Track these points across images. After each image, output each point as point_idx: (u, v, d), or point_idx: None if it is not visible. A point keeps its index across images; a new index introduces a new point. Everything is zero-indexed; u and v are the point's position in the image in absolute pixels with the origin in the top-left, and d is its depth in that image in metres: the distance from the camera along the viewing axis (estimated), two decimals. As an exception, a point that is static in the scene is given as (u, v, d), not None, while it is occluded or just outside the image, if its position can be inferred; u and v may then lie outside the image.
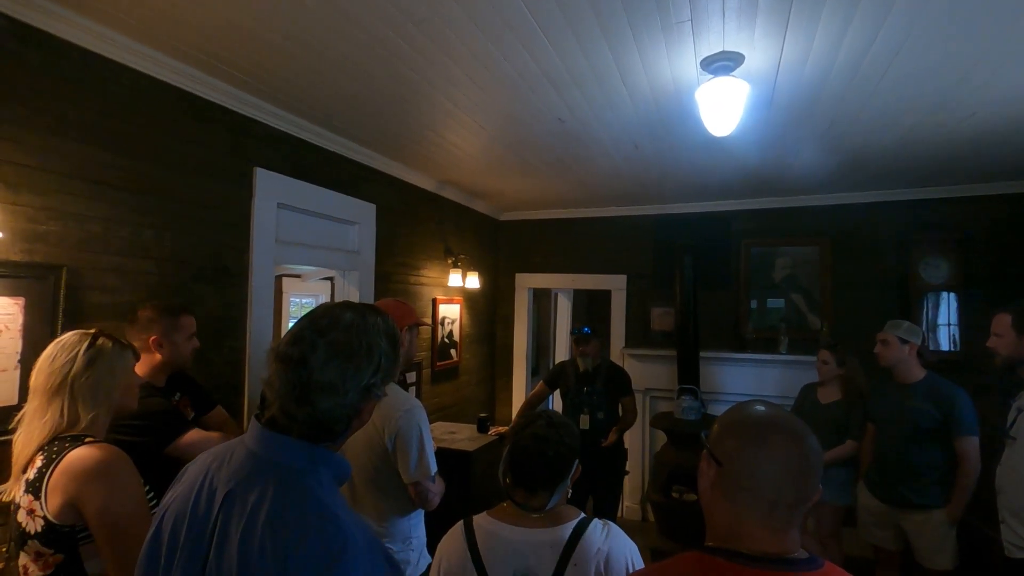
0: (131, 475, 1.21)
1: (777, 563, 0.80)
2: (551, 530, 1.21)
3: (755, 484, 0.83)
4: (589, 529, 1.22)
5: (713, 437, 0.92)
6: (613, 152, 3.04)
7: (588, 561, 1.16)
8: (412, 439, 1.68)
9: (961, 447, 2.44)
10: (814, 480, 0.84)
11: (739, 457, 0.85)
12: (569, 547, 1.18)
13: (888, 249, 3.84)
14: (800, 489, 0.82)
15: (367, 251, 3.20)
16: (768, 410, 0.91)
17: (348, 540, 0.75)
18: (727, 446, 0.88)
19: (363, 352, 0.85)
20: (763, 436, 0.86)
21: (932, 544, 2.48)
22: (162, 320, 1.76)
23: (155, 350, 1.74)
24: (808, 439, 0.85)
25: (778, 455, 0.83)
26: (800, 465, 0.83)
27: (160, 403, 1.70)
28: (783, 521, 0.82)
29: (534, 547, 1.19)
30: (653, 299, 4.47)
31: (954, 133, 2.63)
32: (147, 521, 1.19)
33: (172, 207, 2.09)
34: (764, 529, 0.82)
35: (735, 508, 0.85)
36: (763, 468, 0.83)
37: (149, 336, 1.73)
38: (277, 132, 2.56)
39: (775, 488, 0.82)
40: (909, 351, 2.60)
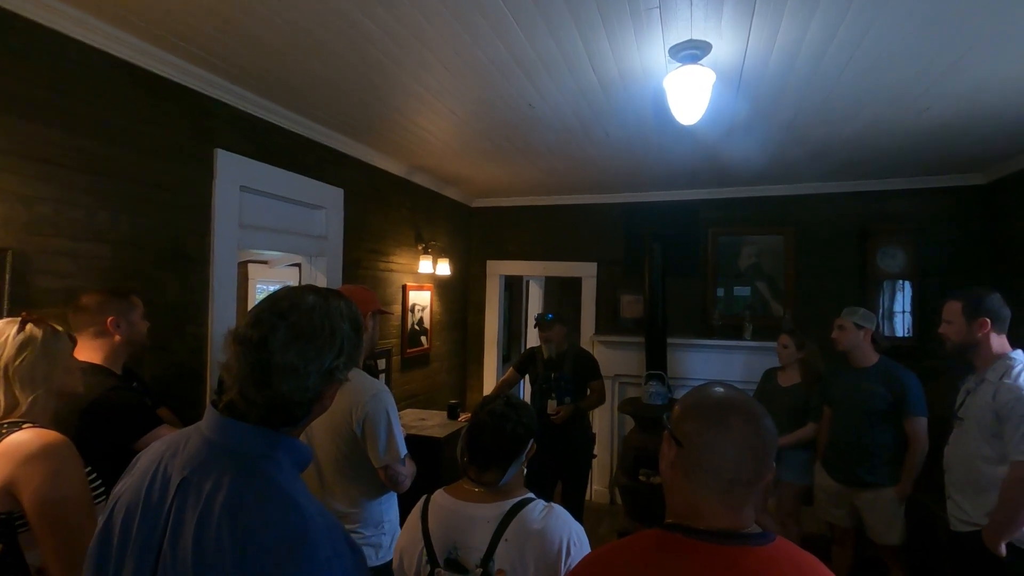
0: (72, 461, 1.17)
1: (732, 538, 0.83)
2: (493, 505, 1.24)
3: (713, 464, 0.85)
4: (528, 508, 1.24)
5: (674, 419, 0.94)
6: (583, 139, 3.05)
7: (521, 538, 1.19)
8: (380, 423, 1.67)
9: (911, 428, 2.56)
10: (769, 460, 0.87)
11: (698, 438, 0.88)
12: (504, 524, 1.21)
13: (848, 239, 3.96)
14: (756, 468, 0.85)
15: (335, 237, 3.14)
16: (727, 392, 0.93)
17: (309, 526, 0.74)
18: (687, 428, 0.90)
19: (325, 335, 0.84)
20: (721, 418, 0.88)
21: (883, 520, 2.60)
22: (114, 301, 1.71)
23: (114, 331, 1.69)
24: (764, 420, 0.88)
25: (735, 436, 0.86)
26: (756, 445, 0.86)
27: (131, 396, 1.66)
28: (739, 498, 0.85)
29: (473, 521, 1.23)
30: (623, 286, 4.52)
31: (911, 126, 2.72)
32: (89, 510, 1.16)
33: (128, 189, 2.01)
34: (721, 506, 0.85)
35: (693, 487, 0.87)
36: (721, 449, 0.85)
37: (105, 318, 1.67)
38: (239, 113, 2.48)
39: (732, 467, 0.85)
40: (864, 336, 2.70)
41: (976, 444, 2.00)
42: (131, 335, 1.74)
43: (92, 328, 1.66)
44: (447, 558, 1.21)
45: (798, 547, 0.87)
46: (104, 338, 1.68)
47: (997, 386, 1.95)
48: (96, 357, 1.66)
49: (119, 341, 1.70)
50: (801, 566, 0.82)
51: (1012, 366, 1.97)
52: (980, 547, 1.92)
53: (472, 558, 1.19)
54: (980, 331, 2.05)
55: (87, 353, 1.65)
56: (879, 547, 2.66)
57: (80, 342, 1.65)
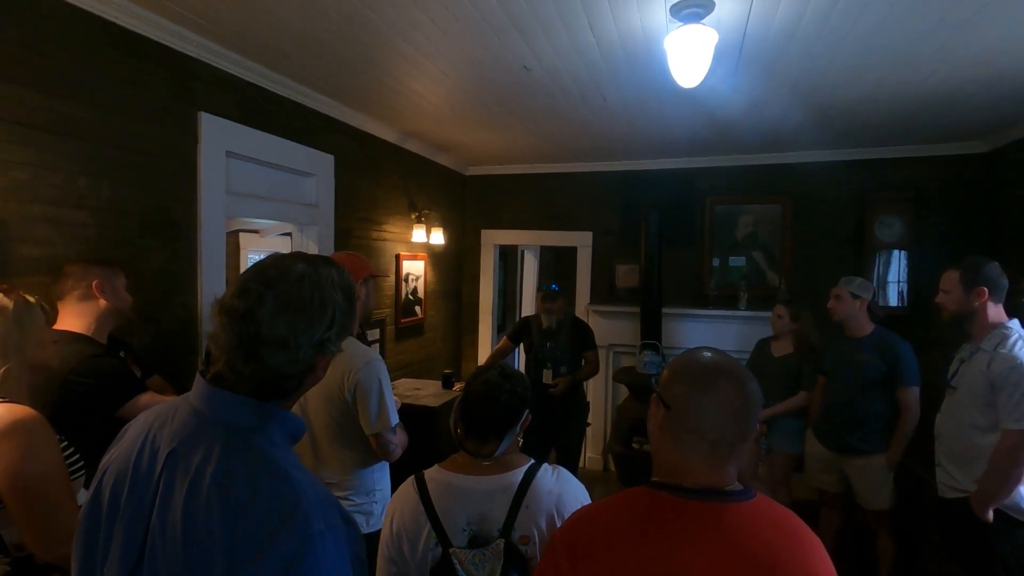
0: (45, 436, 1.15)
1: (715, 494, 0.87)
2: (502, 476, 1.22)
3: (700, 425, 0.89)
4: (540, 473, 1.23)
5: (663, 382, 0.96)
6: (580, 104, 2.97)
7: (540, 503, 1.18)
8: (372, 391, 1.66)
9: (903, 397, 2.57)
10: (752, 421, 0.91)
11: (686, 401, 0.91)
12: (521, 491, 1.19)
13: (846, 208, 3.92)
14: (740, 429, 0.89)
15: (326, 205, 3.08)
16: (714, 356, 0.95)
17: (301, 497, 0.72)
18: (675, 391, 0.93)
19: (316, 305, 0.80)
20: (709, 381, 0.91)
21: (872, 486, 2.65)
22: (98, 266, 1.68)
23: (99, 295, 1.65)
24: (750, 383, 0.91)
25: (722, 399, 0.89)
26: (740, 408, 0.89)
27: (113, 363, 1.62)
28: (723, 458, 0.89)
29: (487, 493, 1.20)
30: (619, 256, 4.49)
31: (915, 91, 2.65)
32: (64, 485, 1.14)
33: (109, 154, 1.94)
34: (705, 465, 0.89)
35: (680, 447, 0.91)
36: (708, 411, 0.89)
37: (92, 280, 1.63)
38: (224, 75, 2.39)
39: (718, 429, 0.88)
40: (860, 306, 2.69)
41: (968, 413, 2.01)
42: (116, 301, 1.70)
43: (76, 292, 1.62)
44: (466, 535, 1.17)
45: (776, 503, 0.91)
46: (89, 302, 1.63)
47: (992, 355, 1.95)
48: (79, 325, 1.62)
49: (104, 307, 1.66)
50: (778, 519, 0.87)
51: (1008, 336, 1.96)
52: (968, 513, 1.95)
53: (491, 531, 1.17)
54: (977, 300, 2.04)
55: (70, 321, 1.61)
56: (867, 512, 2.71)
57: (63, 310, 1.62)
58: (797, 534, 0.86)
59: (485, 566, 1.12)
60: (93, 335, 1.64)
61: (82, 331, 1.62)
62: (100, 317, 1.66)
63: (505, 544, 1.13)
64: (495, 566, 1.12)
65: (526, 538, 1.16)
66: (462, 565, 1.13)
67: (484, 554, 1.13)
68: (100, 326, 1.67)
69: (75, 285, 1.62)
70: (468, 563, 1.13)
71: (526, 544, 1.15)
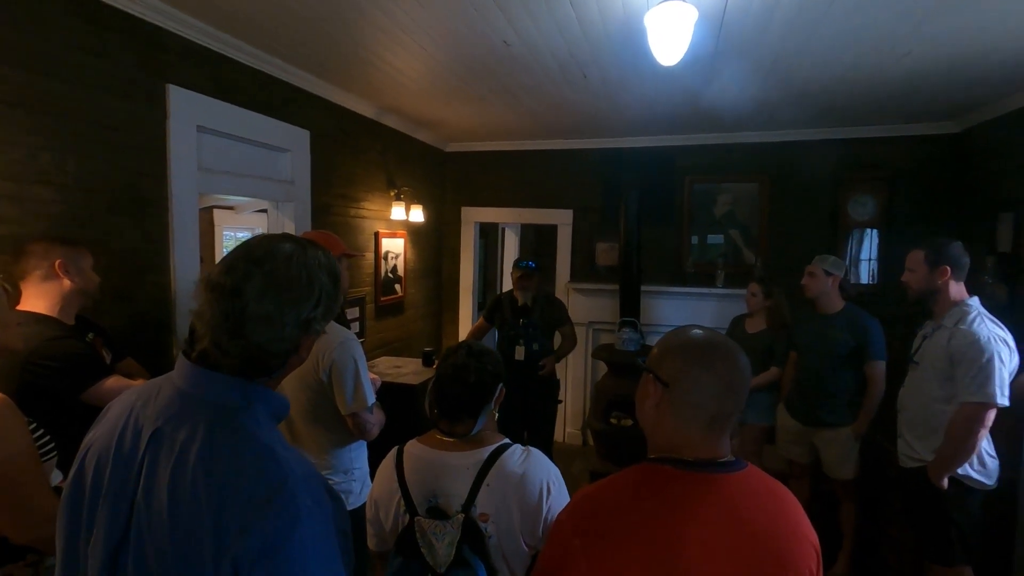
0: (12, 418, 1.13)
1: (712, 466, 0.91)
2: (472, 452, 1.25)
3: (701, 400, 0.92)
4: (507, 453, 1.26)
5: (655, 361, 0.98)
6: (561, 81, 2.94)
7: (502, 483, 1.21)
8: (347, 371, 1.66)
9: (870, 371, 2.66)
10: (745, 393, 0.95)
11: (685, 377, 0.93)
12: (484, 469, 1.22)
13: (822, 187, 3.98)
14: (736, 402, 0.93)
15: (302, 181, 3.02)
16: (705, 333, 0.98)
17: (288, 475, 0.73)
18: (673, 368, 0.95)
19: (303, 284, 0.81)
20: (706, 357, 0.93)
21: (839, 457, 2.75)
22: (62, 246, 1.61)
23: (62, 275, 1.59)
24: (741, 357, 0.95)
25: (720, 373, 0.92)
26: (736, 381, 0.93)
27: (76, 345, 1.58)
28: (720, 430, 0.93)
29: (452, 469, 1.24)
30: (598, 234, 4.51)
31: (890, 72, 2.68)
32: (35, 467, 1.14)
33: (73, 128, 1.87)
34: (703, 439, 0.92)
35: (679, 423, 0.93)
36: (707, 385, 0.92)
37: (54, 260, 1.57)
38: (193, 45, 2.31)
39: (717, 402, 0.91)
40: (832, 283, 2.76)
41: (929, 386, 2.10)
42: (82, 282, 1.64)
43: (39, 272, 1.57)
44: (428, 506, 1.22)
45: (764, 472, 0.96)
46: (52, 282, 1.58)
47: (952, 331, 2.03)
48: (43, 306, 1.57)
49: (69, 288, 1.61)
50: (769, 488, 0.93)
51: (968, 312, 2.04)
52: (925, 481, 2.05)
53: (453, 505, 1.21)
54: (941, 278, 2.10)
55: (33, 301, 1.57)
56: (834, 481, 2.82)
57: (27, 291, 1.57)
58: (785, 500, 0.92)
59: (445, 537, 1.17)
60: (58, 316, 1.60)
61: (46, 312, 1.57)
62: (65, 297, 1.61)
63: (465, 519, 1.17)
64: (454, 538, 1.16)
65: (486, 516, 1.19)
66: (423, 534, 1.18)
67: (445, 526, 1.18)
68: (65, 306, 1.62)
69: (37, 264, 1.57)
70: (430, 532, 1.18)
71: (485, 521, 1.19)
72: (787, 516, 0.90)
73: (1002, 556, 2.37)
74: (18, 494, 1.09)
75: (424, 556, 1.17)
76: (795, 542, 0.87)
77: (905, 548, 2.59)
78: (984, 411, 1.91)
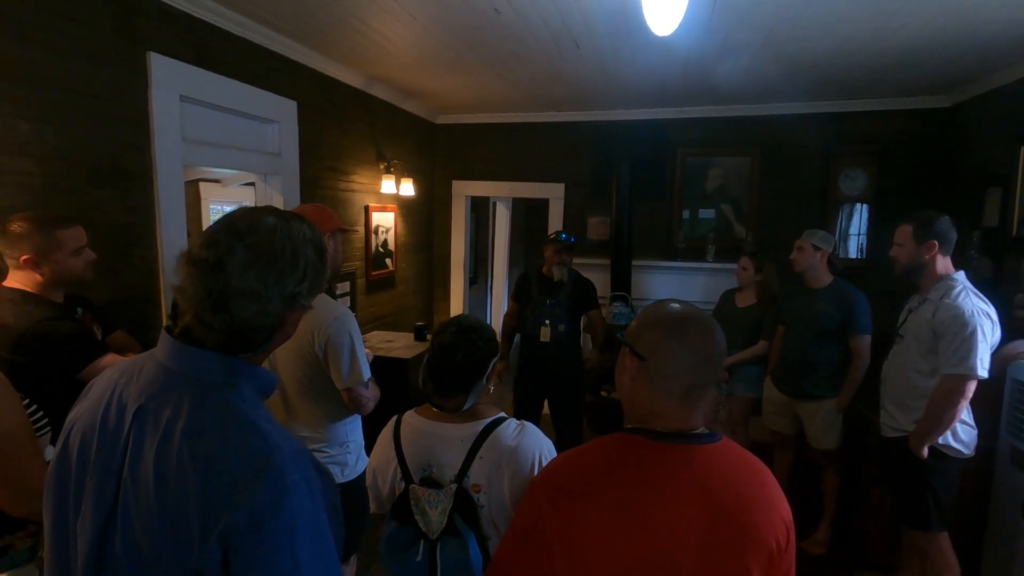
0: (7, 395, 1.13)
1: (687, 437, 0.93)
2: (466, 425, 1.27)
3: (675, 372, 0.93)
4: (501, 427, 1.27)
5: (632, 335, 1.00)
6: (553, 51, 2.88)
7: (495, 455, 1.23)
8: (343, 346, 1.66)
9: (855, 344, 2.71)
10: (720, 364, 0.96)
11: (660, 349, 0.95)
12: (478, 441, 1.24)
13: (813, 161, 3.98)
14: (711, 372, 0.94)
15: (290, 153, 2.97)
16: (681, 307, 1.00)
17: (274, 450, 0.73)
18: (648, 341, 0.96)
19: (287, 258, 0.79)
20: (680, 329, 0.95)
21: (822, 428, 2.82)
22: (36, 235, 1.52)
23: (31, 270, 1.54)
24: (716, 330, 0.96)
25: (694, 345, 0.94)
26: (711, 352, 0.94)
27: (68, 326, 1.56)
28: (694, 402, 0.94)
29: (447, 441, 1.26)
30: (590, 208, 4.49)
31: (884, 44, 2.66)
32: (29, 441, 1.14)
33: (51, 97, 1.82)
34: (678, 409, 0.94)
35: (654, 394, 0.95)
36: (682, 357, 0.93)
37: (20, 255, 1.52)
38: (174, 11, 2.23)
39: (692, 374, 0.93)
40: (821, 258, 2.78)
41: (913, 359, 2.14)
42: (58, 275, 1.58)
43: (12, 261, 1.54)
44: (422, 476, 1.25)
45: (738, 445, 0.98)
46: (25, 272, 1.55)
47: (937, 305, 2.06)
48: (27, 286, 1.55)
49: (42, 280, 1.56)
50: (741, 460, 0.94)
51: (953, 286, 2.07)
52: (905, 450, 2.10)
53: (446, 475, 1.23)
54: (928, 253, 2.12)
55: (17, 280, 1.54)
56: (816, 451, 2.90)
57: (10, 270, 1.55)
58: (758, 474, 0.94)
59: (438, 505, 1.20)
60: (47, 295, 1.57)
61: (33, 291, 1.55)
62: (45, 283, 1.57)
63: (457, 488, 1.20)
64: (447, 507, 1.20)
65: (478, 486, 1.22)
66: (418, 502, 1.22)
67: (438, 495, 1.21)
68: (50, 288, 1.59)
69: (10, 254, 1.52)
70: (424, 500, 1.22)
71: (478, 492, 1.22)
72: (758, 489, 0.91)
73: (977, 521, 2.45)
74: (14, 468, 1.10)
75: (418, 523, 1.21)
76: (763, 515, 0.88)
77: (883, 514, 2.68)
78: (965, 383, 1.95)
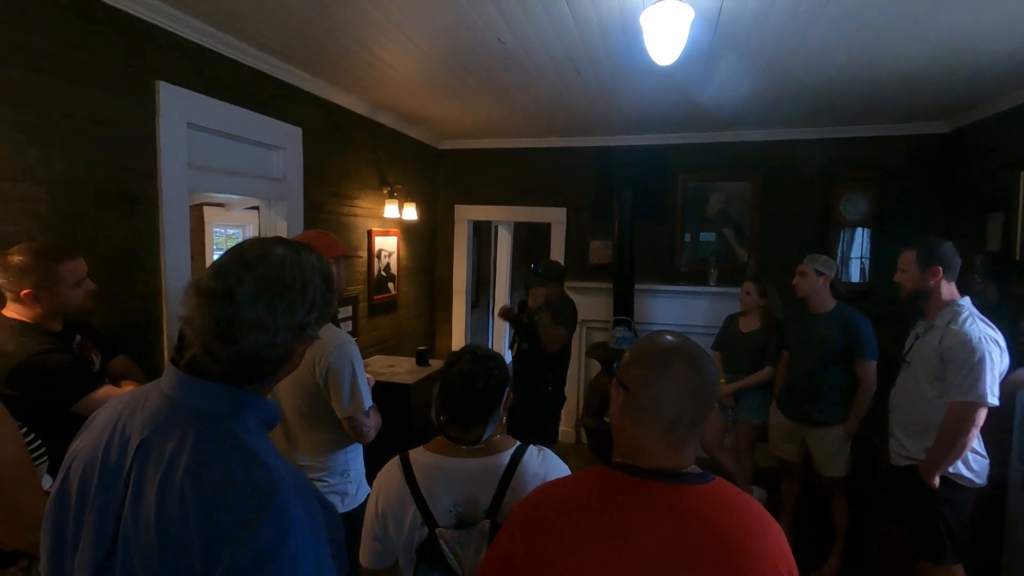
0: (5, 424, 1.12)
1: (673, 476, 0.88)
2: (489, 458, 1.23)
3: (657, 407, 0.89)
4: (526, 455, 1.25)
5: (622, 366, 0.97)
6: (555, 79, 2.93)
7: (527, 485, 1.19)
8: (344, 374, 1.65)
9: (861, 370, 2.68)
10: (710, 401, 0.91)
11: (643, 382, 0.91)
12: (508, 473, 1.20)
13: (813, 185, 4.00)
14: (697, 409, 0.90)
15: (294, 179, 2.99)
16: (673, 339, 0.96)
17: (278, 484, 0.71)
18: (634, 373, 0.93)
19: (296, 288, 0.78)
20: (665, 364, 0.91)
21: (829, 455, 2.77)
22: (37, 268, 1.51)
23: (31, 304, 1.52)
24: (706, 365, 0.92)
25: (678, 379, 0.89)
26: (698, 387, 0.89)
27: (65, 359, 1.53)
28: (680, 439, 0.90)
29: (474, 475, 1.21)
30: (592, 232, 4.51)
31: (882, 72, 2.70)
32: (28, 472, 1.12)
33: (60, 123, 1.84)
34: (663, 446, 0.90)
35: (638, 428, 0.91)
36: (664, 391, 0.89)
37: (20, 290, 1.50)
38: (183, 41, 2.27)
39: (675, 410, 0.89)
40: (823, 283, 2.78)
41: (921, 386, 2.12)
42: (55, 306, 1.56)
43: (11, 293, 1.53)
44: (450, 516, 1.18)
45: (734, 486, 0.93)
46: (25, 304, 1.54)
47: (944, 331, 2.04)
48: (25, 316, 1.54)
49: (41, 312, 1.55)
50: (733, 504, 0.87)
51: (959, 312, 2.06)
52: (916, 479, 2.06)
53: (475, 512, 1.18)
54: (932, 279, 2.12)
55: (15, 311, 1.53)
56: (824, 478, 2.85)
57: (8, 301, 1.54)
58: (752, 519, 0.86)
59: (471, 545, 1.13)
60: (44, 324, 1.56)
61: (31, 321, 1.54)
62: (44, 315, 1.56)
63: (491, 524, 1.15)
64: (481, 545, 1.13)
65: None
66: (448, 544, 1.14)
67: (470, 534, 1.14)
68: (48, 319, 1.58)
69: (9, 286, 1.51)
70: (454, 542, 1.14)
71: None
72: (754, 534, 0.84)
73: (991, 553, 2.40)
74: (11, 498, 1.07)
75: (450, 565, 1.14)
76: (757, 563, 0.81)
77: (895, 545, 2.62)
78: (975, 410, 1.93)
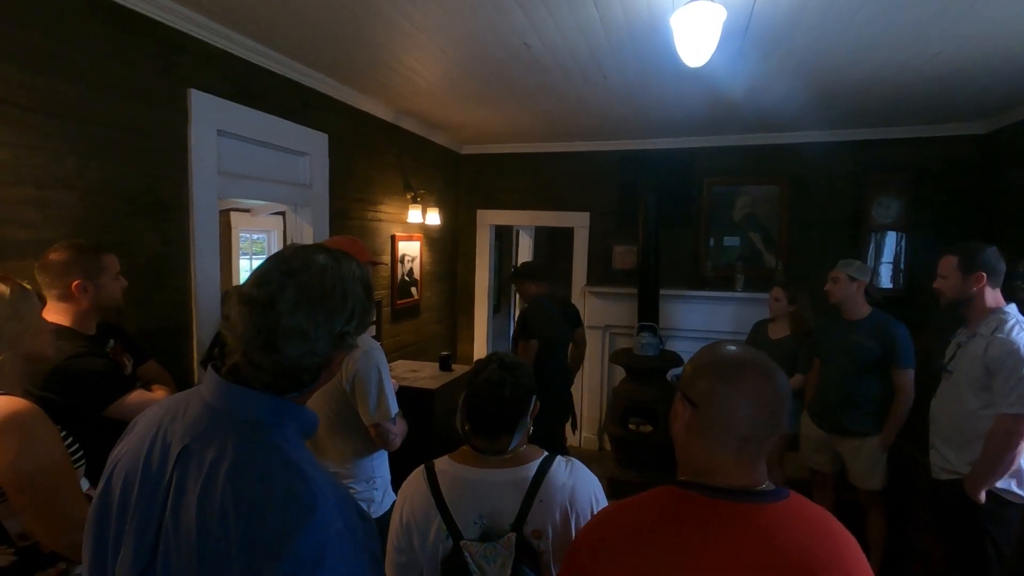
0: (44, 427, 1.12)
1: (747, 495, 0.84)
2: (515, 470, 1.21)
3: (729, 422, 0.85)
4: (554, 466, 1.22)
5: (686, 380, 0.92)
6: (580, 82, 2.90)
7: (554, 497, 1.17)
8: (371, 381, 1.64)
9: (898, 379, 2.59)
10: (783, 414, 0.86)
11: (713, 397, 0.87)
12: (535, 484, 1.17)
13: (844, 189, 3.90)
14: (771, 424, 0.85)
15: (320, 185, 3.02)
16: (739, 350, 0.91)
17: (318, 496, 0.71)
18: (700, 387, 0.89)
19: (337, 297, 0.78)
20: (736, 376, 0.87)
21: (865, 467, 2.68)
22: (81, 260, 1.57)
23: (80, 296, 1.56)
24: (778, 376, 0.87)
25: (751, 393, 0.85)
26: (772, 401, 0.85)
27: (98, 363, 1.55)
28: (753, 455, 0.86)
29: (499, 487, 1.18)
30: (616, 237, 4.46)
31: (918, 72, 2.62)
32: (68, 475, 1.13)
33: (96, 132, 1.87)
34: (735, 464, 0.85)
35: (708, 445, 0.87)
36: (736, 406, 0.85)
37: (70, 282, 1.55)
38: (214, 50, 2.31)
39: (748, 425, 0.84)
40: (857, 288, 2.70)
41: (964, 397, 2.03)
42: (99, 299, 1.62)
43: (55, 291, 1.55)
44: (476, 528, 1.16)
45: (810, 502, 0.88)
46: (69, 302, 1.57)
47: (989, 340, 1.96)
48: (63, 319, 1.56)
49: (88, 305, 1.59)
50: (813, 520, 0.83)
51: (1005, 320, 1.97)
52: (961, 494, 1.98)
53: (501, 524, 1.15)
54: (975, 285, 2.04)
55: (53, 314, 1.56)
56: (859, 491, 2.75)
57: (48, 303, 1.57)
58: (832, 534, 0.83)
59: (497, 559, 1.11)
60: (79, 327, 1.59)
61: (66, 323, 1.56)
62: (84, 312, 1.60)
63: (517, 538, 1.12)
64: (507, 559, 1.10)
65: (538, 532, 1.14)
66: (473, 558, 1.12)
67: (495, 547, 1.12)
68: (85, 320, 1.61)
69: (53, 283, 1.54)
70: (479, 556, 1.12)
71: (538, 538, 1.14)
72: (831, 551, 0.80)
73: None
74: (51, 502, 1.08)
75: None
76: None
77: (935, 561, 2.52)
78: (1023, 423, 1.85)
